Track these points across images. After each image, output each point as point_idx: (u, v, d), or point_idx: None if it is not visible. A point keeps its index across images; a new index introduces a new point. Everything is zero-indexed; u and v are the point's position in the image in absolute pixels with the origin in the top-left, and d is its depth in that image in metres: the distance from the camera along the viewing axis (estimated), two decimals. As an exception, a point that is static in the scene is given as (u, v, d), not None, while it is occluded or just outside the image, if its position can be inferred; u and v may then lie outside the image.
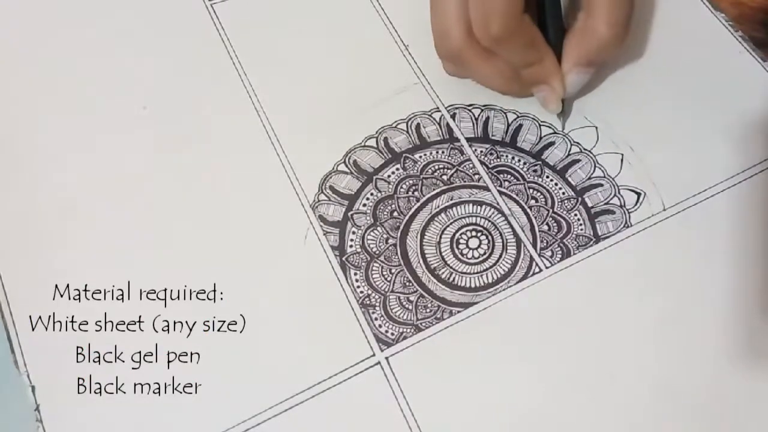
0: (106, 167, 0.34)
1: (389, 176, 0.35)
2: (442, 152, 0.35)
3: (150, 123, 0.36)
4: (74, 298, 0.31)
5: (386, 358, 0.30)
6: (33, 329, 0.30)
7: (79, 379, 0.29)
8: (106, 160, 0.34)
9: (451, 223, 0.34)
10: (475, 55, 0.33)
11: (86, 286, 0.31)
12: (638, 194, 0.34)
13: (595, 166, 0.35)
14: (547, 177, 0.35)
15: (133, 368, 0.30)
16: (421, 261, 0.33)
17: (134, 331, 0.30)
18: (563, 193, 0.34)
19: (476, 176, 0.35)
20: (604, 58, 0.35)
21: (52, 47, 0.37)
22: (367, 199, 0.34)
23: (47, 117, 0.35)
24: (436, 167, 0.35)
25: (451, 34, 0.32)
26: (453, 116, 0.36)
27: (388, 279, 0.32)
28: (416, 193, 0.34)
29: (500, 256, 0.33)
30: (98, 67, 0.37)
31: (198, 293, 0.31)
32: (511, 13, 0.31)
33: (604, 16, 0.33)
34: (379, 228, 0.33)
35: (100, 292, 0.31)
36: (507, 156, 0.35)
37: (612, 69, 0.38)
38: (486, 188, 0.34)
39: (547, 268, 0.33)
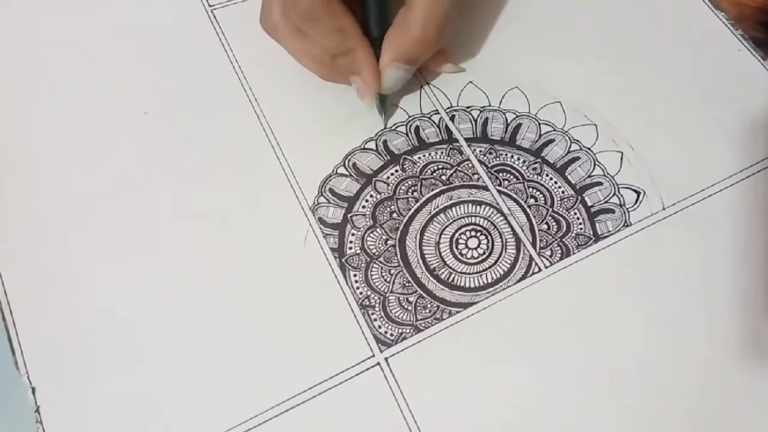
0: (107, 170, 0.34)
1: (388, 178, 0.35)
2: (442, 153, 0.35)
3: (151, 127, 0.36)
4: (75, 299, 0.31)
5: (386, 359, 0.30)
6: (33, 331, 0.30)
7: (79, 380, 0.29)
8: (106, 162, 0.34)
9: (450, 224, 0.34)
10: (289, 32, 0.34)
11: (87, 286, 0.31)
12: (638, 193, 0.34)
13: (594, 164, 0.35)
14: (547, 175, 0.35)
15: (133, 369, 0.30)
16: (421, 261, 0.33)
17: (134, 331, 0.31)
18: (563, 192, 0.34)
19: (475, 176, 0.35)
20: (419, 57, 0.35)
21: (53, 52, 0.38)
22: (367, 200, 0.34)
23: (48, 120, 0.35)
24: (435, 167, 0.35)
25: (273, 8, 0.34)
26: (452, 118, 0.36)
27: (388, 280, 0.32)
28: (415, 194, 0.34)
29: (500, 255, 0.33)
30: (100, 71, 0.37)
31: (198, 294, 0.31)
32: None
33: (420, 13, 0.33)
34: (378, 229, 0.33)
35: (101, 293, 0.31)
36: (506, 155, 0.35)
37: (611, 67, 0.38)
38: (485, 188, 0.34)
39: (546, 267, 0.33)
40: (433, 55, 0.36)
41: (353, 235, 0.33)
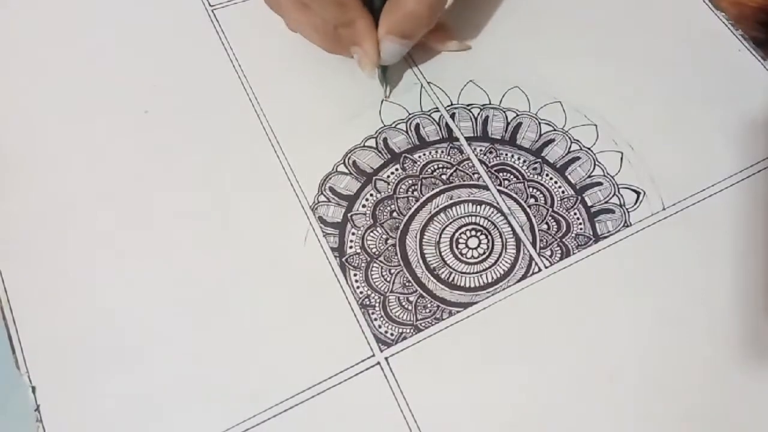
0: (107, 169, 0.34)
1: (388, 176, 0.35)
2: (442, 151, 0.35)
3: (151, 126, 0.36)
4: (75, 299, 0.31)
5: (386, 359, 0.30)
6: (34, 330, 0.30)
7: (79, 379, 0.29)
8: (107, 162, 0.34)
9: (450, 223, 0.34)
10: (291, 5, 0.34)
11: (87, 286, 0.31)
12: (638, 193, 0.34)
13: (594, 165, 0.35)
14: (547, 175, 0.35)
15: (133, 369, 0.30)
16: (421, 261, 0.33)
17: (135, 331, 0.31)
18: (563, 192, 0.34)
19: (476, 175, 0.35)
20: (414, 33, 0.35)
21: (53, 52, 0.38)
22: (367, 199, 0.34)
23: (48, 120, 0.35)
24: (436, 167, 0.35)
25: None
26: (452, 116, 0.36)
27: (388, 279, 0.32)
28: (415, 193, 0.34)
29: (500, 255, 0.33)
30: (101, 71, 0.37)
31: (198, 294, 0.31)
32: None
33: None
34: (378, 228, 0.33)
35: (101, 293, 0.31)
36: (506, 154, 0.35)
37: (611, 67, 0.38)
38: (485, 187, 0.34)
39: (546, 267, 0.33)
40: (436, 32, 0.36)
41: (353, 234, 0.33)
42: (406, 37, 0.34)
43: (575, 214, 0.34)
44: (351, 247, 0.33)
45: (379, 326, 0.31)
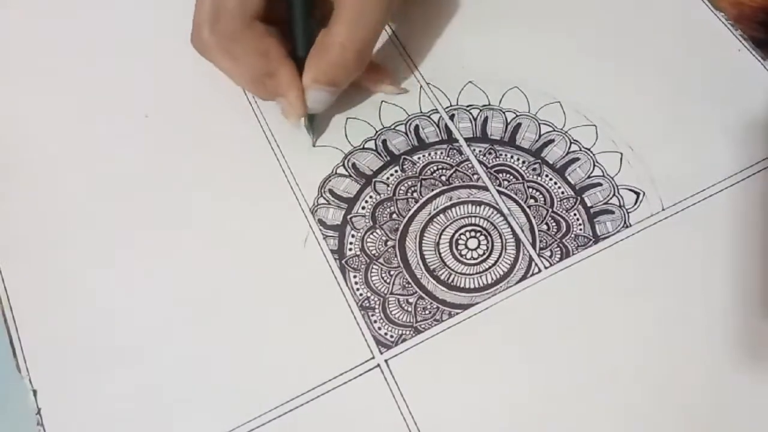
0: (107, 170, 0.34)
1: (388, 178, 0.35)
2: (441, 153, 0.35)
3: (152, 129, 0.36)
4: (76, 302, 0.31)
5: (386, 361, 0.31)
6: (34, 332, 0.30)
7: (80, 382, 0.29)
8: (107, 163, 0.35)
9: (450, 224, 0.34)
10: (219, 53, 0.33)
11: (88, 289, 0.31)
12: (637, 194, 0.34)
13: (594, 165, 0.35)
14: (546, 176, 0.35)
15: (134, 371, 0.30)
16: (420, 262, 0.33)
17: (135, 333, 0.31)
18: (562, 193, 0.34)
19: (475, 176, 0.35)
20: (342, 81, 0.34)
21: (54, 52, 0.38)
22: (366, 201, 0.34)
23: (50, 121, 0.36)
24: (435, 168, 0.35)
25: (202, 28, 0.33)
26: (452, 117, 0.36)
27: (387, 281, 0.32)
28: (415, 195, 0.34)
29: (499, 256, 0.33)
30: (101, 75, 0.37)
31: (198, 295, 0.31)
32: (238, 14, 0.32)
33: (338, 38, 0.32)
34: (378, 230, 0.33)
35: (101, 293, 0.31)
36: (506, 155, 0.35)
37: (611, 67, 0.38)
38: (485, 188, 0.34)
39: (546, 268, 0.33)
40: (369, 73, 0.35)
41: (353, 236, 0.33)
42: (333, 84, 0.33)
43: (575, 214, 0.34)
44: (351, 249, 0.33)
45: (379, 328, 0.31)
